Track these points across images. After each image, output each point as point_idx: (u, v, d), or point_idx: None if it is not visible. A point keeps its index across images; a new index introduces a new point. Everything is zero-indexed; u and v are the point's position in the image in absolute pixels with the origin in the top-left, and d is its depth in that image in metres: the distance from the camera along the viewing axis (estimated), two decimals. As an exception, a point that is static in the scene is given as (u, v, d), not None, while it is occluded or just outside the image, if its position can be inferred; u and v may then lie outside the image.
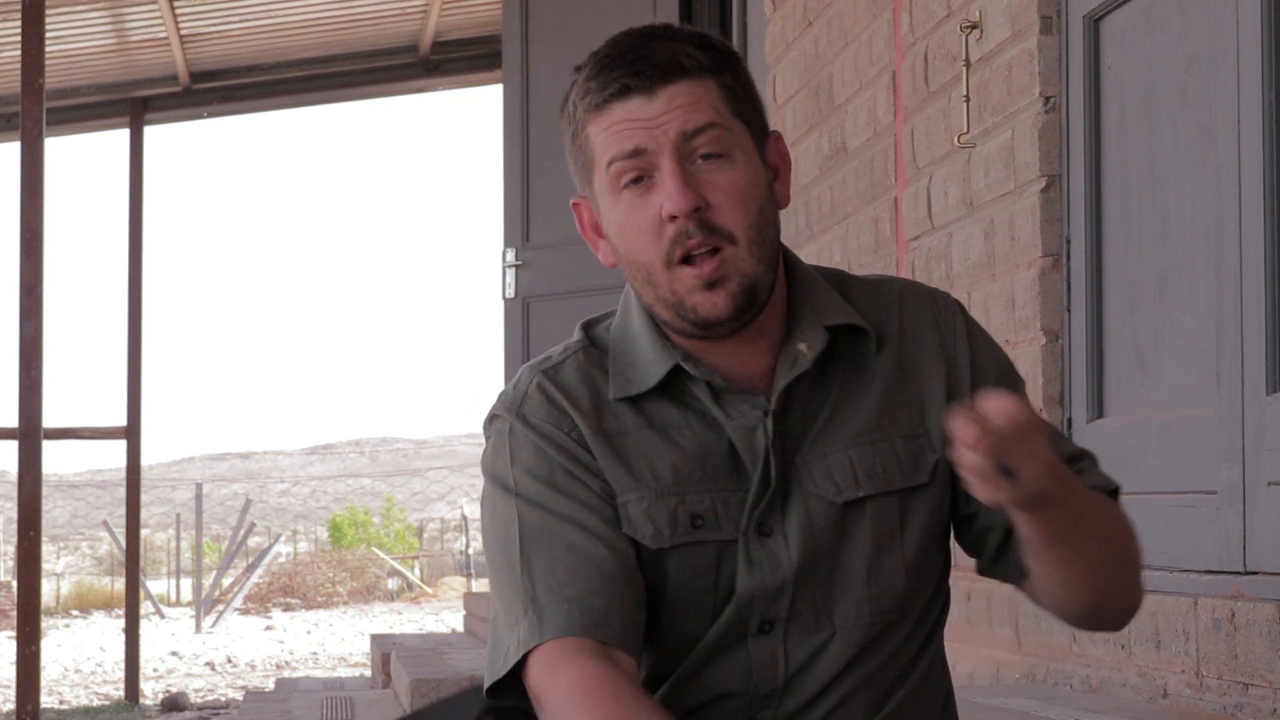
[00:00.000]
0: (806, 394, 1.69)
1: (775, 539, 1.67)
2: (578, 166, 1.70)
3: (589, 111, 1.64)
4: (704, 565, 1.66)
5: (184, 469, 49.51)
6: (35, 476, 7.14)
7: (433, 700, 2.23)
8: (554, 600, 1.62)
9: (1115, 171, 3.36)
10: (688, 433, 1.68)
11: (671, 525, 1.66)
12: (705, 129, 1.62)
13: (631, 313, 1.73)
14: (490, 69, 9.48)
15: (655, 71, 1.62)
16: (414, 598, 24.24)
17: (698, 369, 1.67)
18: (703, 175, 1.62)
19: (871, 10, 4.57)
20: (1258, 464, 2.84)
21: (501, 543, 1.69)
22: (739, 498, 1.67)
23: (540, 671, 1.61)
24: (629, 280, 1.70)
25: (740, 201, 1.62)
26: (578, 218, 1.74)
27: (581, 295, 6.27)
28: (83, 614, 21.44)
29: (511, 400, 1.72)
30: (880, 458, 1.68)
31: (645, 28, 1.67)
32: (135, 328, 9.84)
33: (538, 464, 1.68)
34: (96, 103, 10.00)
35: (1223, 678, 2.81)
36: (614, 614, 1.62)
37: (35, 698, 6.98)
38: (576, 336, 1.76)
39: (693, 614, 1.67)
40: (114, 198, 38.64)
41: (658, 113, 1.61)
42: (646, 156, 1.62)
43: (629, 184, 1.63)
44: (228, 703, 9.71)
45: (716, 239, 1.62)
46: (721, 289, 1.63)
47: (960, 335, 1.74)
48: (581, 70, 1.67)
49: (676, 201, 1.60)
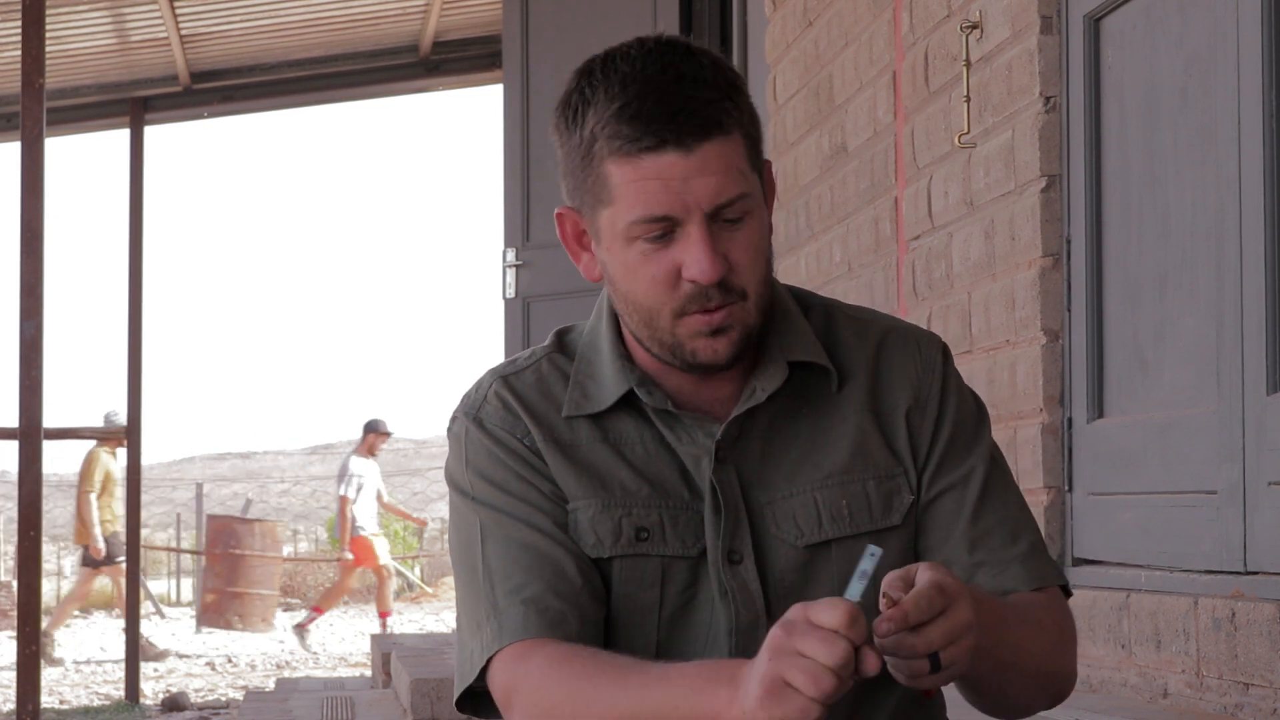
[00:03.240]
0: (771, 429, 1.69)
1: (745, 566, 1.67)
2: (582, 191, 1.65)
3: (615, 153, 1.59)
4: (648, 580, 1.67)
5: (184, 469, 49.47)
6: (35, 476, 7.14)
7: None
8: (512, 603, 1.63)
9: (1115, 171, 3.36)
10: (640, 449, 1.69)
11: (614, 536, 1.67)
12: (736, 200, 1.60)
13: (602, 323, 1.73)
14: (490, 69, 9.48)
15: (695, 130, 1.57)
16: (414, 598, 24.24)
17: (652, 395, 1.68)
18: (724, 235, 1.60)
19: (872, 10, 4.57)
20: (1258, 464, 2.84)
21: (463, 547, 1.70)
22: (689, 516, 1.67)
23: (505, 672, 1.62)
24: (619, 308, 1.69)
25: (756, 259, 1.62)
26: (560, 227, 1.71)
27: (582, 295, 6.27)
28: (83, 614, 21.44)
29: (470, 404, 1.74)
30: (848, 500, 1.68)
31: (671, 56, 1.60)
32: (135, 328, 9.84)
33: (492, 468, 1.70)
34: (97, 103, 10.00)
35: (1223, 678, 2.81)
36: (570, 614, 1.63)
37: (35, 698, 6.98)
38: (547, 342, 1.77)
39: (638, 630, 1.68)
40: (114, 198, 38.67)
41: (692, 172, 1.58)
42: (672, 220, 1.59)
43: (649, 239, 1.61)
44: (228, 703, 9.70)
45: (732, 298, 1.62)
46: (724, 337, 1.63)
47: (935, 379, 1.73)
48: (598, 88, 1.60)
49: (706, 272, 1.59)
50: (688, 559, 1.67)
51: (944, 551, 1.68)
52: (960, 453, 1.71)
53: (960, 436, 1.72)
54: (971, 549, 1.68)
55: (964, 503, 1.69)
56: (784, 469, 1.69)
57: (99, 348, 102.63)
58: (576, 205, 1.67)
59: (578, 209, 1.68)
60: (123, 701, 9.72)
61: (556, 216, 1.72)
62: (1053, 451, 3.52)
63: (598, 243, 1.66)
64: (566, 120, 1.64)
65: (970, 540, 1.69)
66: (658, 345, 1.65)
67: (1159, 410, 3.20)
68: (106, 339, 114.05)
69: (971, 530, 1.69)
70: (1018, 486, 1.75)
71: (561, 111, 1.65)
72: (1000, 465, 1.74)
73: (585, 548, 1.67)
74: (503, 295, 6.82)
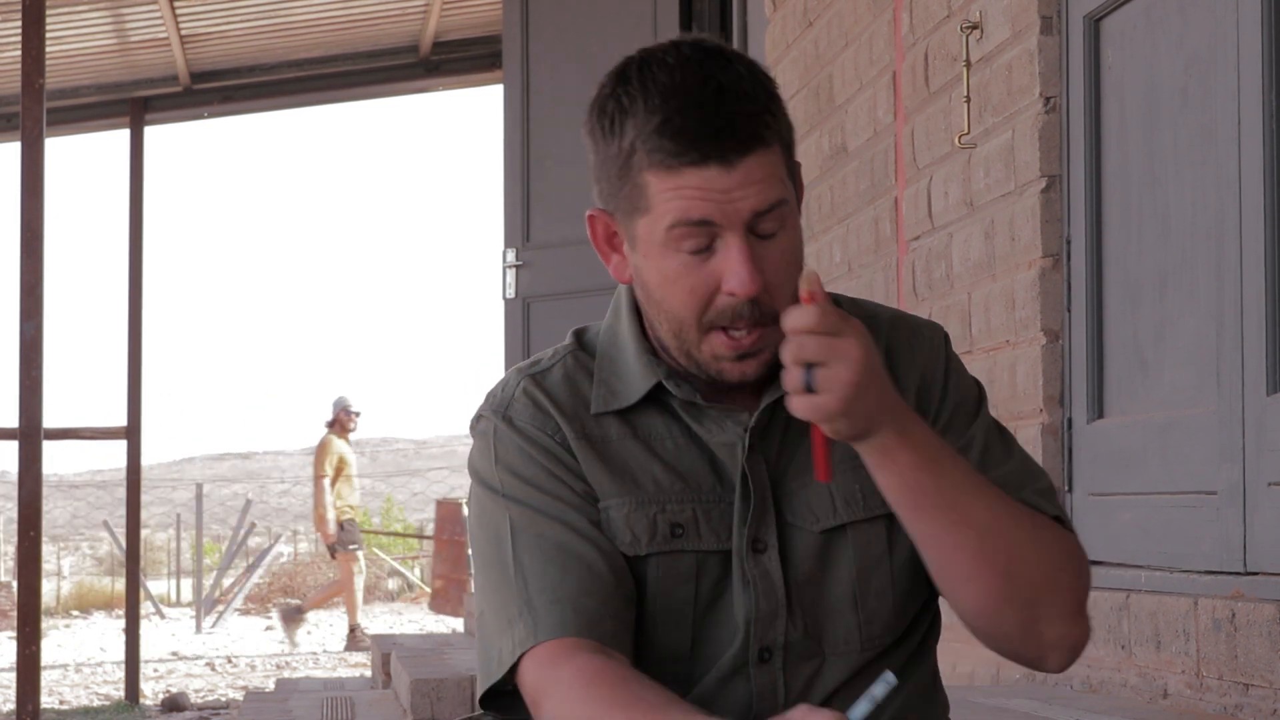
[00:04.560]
0: (789, 418, 1.67)
1: (769, 555, 1.67)
2: (618, 199, 1.64)
3: (656, 165, 1.58)
4: (683, 575, 1.67)
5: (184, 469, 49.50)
6: (36, 476, 7.14)
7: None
8: (547, 601, 1.62)
9: (1115, 172, 3.36)
10: (670, 444, 1.69)
11: (650, 533, 1.66)
12: (775, 207, 1.59)
13: (622, 319, 1.73)
14: (490, 69, 9.48)
15: (738, 145, 1.56)
16: (414, 598, 24.24)
17: (680, 388, 1.67)
18: (761, 249, 1.60)
19: (872, 10, 4.57)
20: (1258, 464, 2.84)
21: (491, 544, 1.69)
22: (721, 509, 1.67)
23: (538, 672, 1.61)
24: (649, 314, 1.68)
25: (790, 276, 1.61)
26: (591, 229, 1.70)
27: (582, 295, 6.27)
28: (83, 614, 21.44)
29: (498, 403, 1.73)
30: (861, 484, 1.67)
31: (708, 65, 1.58)
32: (135, 328, 9.84)
33: (523, 465, 1.69)
34: (97, 103, 10.00)
35: (1223, 678, 2.81)
36: (606, 614, 1.62)
37: (35, 698, 6.98)
38: (567, 341, 1.76)
39: (674, 626, 1.67)
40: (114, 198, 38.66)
41: (733, 186, 1.57)
42: (712, 228, 1.59)
43: (689, 249, 1.60)
44: (228, 703, 9.70)
45: (764, 320, 1.61)
46: (754, 360, 1.63)
47: (940, 363, 1.74)
48: (635, 98, 1.59)
49: (745, 284, 1.58)
50: (722, 553, 1.67)
51: None
52: (960, 427, 1.71)
53: (961, 413, 1.72)
54: None
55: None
56: (799, 458, 1.69)
57: (99, 348, 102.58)
58: (611, 209, 1.66)
59: (611, 213, 1.67)
60: (123, 702, 9.72)
61: (588, 218, 1.70)
62: (1053, 452, 3.52)
63: (633, 249, 1.66)
64: (604, 128, 1.62)
65: None
66: (684, 356, 1.65)
67: (1159, 410, 3.20)
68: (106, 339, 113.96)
69: None
70: (1023, 450, 1.74)
71: (597, 118, 1.63)
72: (1002, 434, 1.73)
73: (621, 546, 1.66)
74: (503, 295, 6.82)
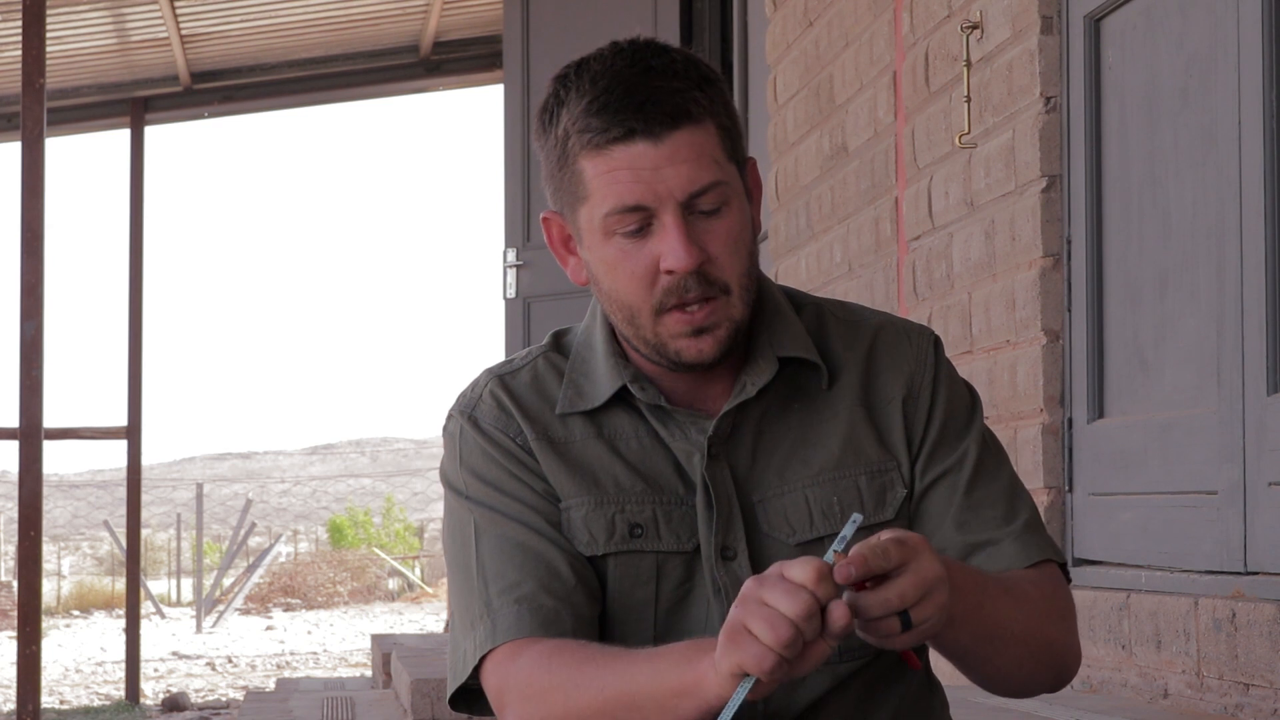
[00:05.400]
0: (761, 425, 1.69)
1: (738, 562, 1.67)
2: (561, 192, 1.66)
3: (586, 147, 1.60)
4: (643, 576, 1.67)
5: (184, 469, 49.53)
6: (36, 476, 7.14)
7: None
8: (506, 602, 1.64)
9: (1116, 171, 3.36)
10: (635, 444, 1.69)
11: (608, 533, 1.67)
12: (710, 188, 1.60)
13: (595, 321, 1.74)
14: (491, 69, 9.48)
15: (663, 118, 1.58)
16: (415, 598, 24.26)
17: (645, 391, 1.68)
18: (700, 225, 1.60)
19: (872, 10, 4.57)
20: (1258, 464, 2.84)
21: (457, 545, 1.71)
22: (683, 511, 1.67)
23: (497, 672, 1.63)
24: (604, 309, 1.69)
25: (736, 251, 1.62)
26: (546, 232, 1.72)
27: (582, 295, 6.26)
28: (83, 614, 21.45)
29: (466, 403, 1.75)
30: (839, 496, 1.67)
31: (641, 53, 1.62)
32: (135, 328, 9.84)
33: (485, 467, 1.70)
34: (97, 103, 10.00)
35: (1223, 678, 2.81)
36: (564, 612, 1.63)
37: (36, 698, 6.98)
38: (544, 341, 1.78)
39: (634, 627, 1.68)
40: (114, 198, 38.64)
41: (662, 161, 1.58)
42: (646, 211, 1.60)
43: (625, 233, 1.62)
44: (228, 703, 9.71)
45: (713, 291, 1.61)
46: (709, 336, 1.63)
47: (928, 370, 1.73)
48: (570, 88, 1.62)
49: (681, 259, 1.59)
50: (682, 554, 1.67)
51: (939, 536, 1.68)
52: (952, 440, 1.71)
53: (952, 424, 1.72)
54: (965, 530, 1.68)
55: (956, 487, 1.69)
56: (775, 466, 1.69)
57: (99, 348, 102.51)
58: (559, 208, 1.69)
59: (560, 212, 1.69)
60: (123, 701, 9.72)
61: (542, 221, 1.73)
62: (1053, 452, 3.52)
63: (580, 243, 1.67)
64: (544, 124, 1.66)
65: (962, 522, 1.68)
66: (643, 345, 1.66)
67: (1159, 410, 3.20)
68: (106, 339, 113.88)
69: (964, 512, 1.68)
70: (1013, 469, 1.74)
71: (539, 117, 1.66)
72: (993, 448, 1.73)
73: (579, 546, 1.67)
74: (503, 295, 6.83)
